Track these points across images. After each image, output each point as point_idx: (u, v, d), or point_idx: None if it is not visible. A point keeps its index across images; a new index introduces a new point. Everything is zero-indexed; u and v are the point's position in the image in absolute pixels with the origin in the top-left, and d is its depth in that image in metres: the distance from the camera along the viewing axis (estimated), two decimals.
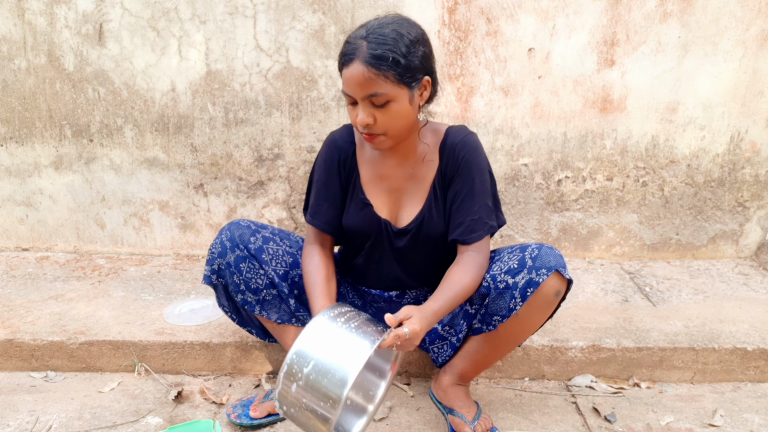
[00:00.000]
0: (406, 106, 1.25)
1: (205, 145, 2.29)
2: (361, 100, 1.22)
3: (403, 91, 1.23)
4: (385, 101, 1.22)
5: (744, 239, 2.38)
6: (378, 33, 1.20)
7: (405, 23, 1.24)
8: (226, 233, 1.48)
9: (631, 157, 2.26)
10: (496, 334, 1.39)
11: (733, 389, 1.75)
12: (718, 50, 2.11)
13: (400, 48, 1.19)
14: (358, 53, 1.19)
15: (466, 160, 1.37)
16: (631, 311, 1.95)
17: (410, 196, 1.45)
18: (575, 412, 1.63)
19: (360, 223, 1.48)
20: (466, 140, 1.39)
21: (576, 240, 2.39)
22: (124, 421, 1.57)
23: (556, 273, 1.29)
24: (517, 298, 1.31)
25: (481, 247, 1.37)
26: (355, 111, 1.26)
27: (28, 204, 2.41)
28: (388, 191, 1.45)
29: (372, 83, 1.19)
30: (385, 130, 1.26)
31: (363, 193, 1.45)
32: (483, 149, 1.41)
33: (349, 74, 1.21)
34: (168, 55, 2.17)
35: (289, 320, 1.54)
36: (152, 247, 2.46)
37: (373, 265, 1.55)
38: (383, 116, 1.24)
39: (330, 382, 1.03)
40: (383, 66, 1.18)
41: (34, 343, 1.77)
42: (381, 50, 1.18)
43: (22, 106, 2.26)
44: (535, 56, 2.14)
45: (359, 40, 1.21)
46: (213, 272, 1.50)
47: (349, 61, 1.20)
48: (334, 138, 1.47)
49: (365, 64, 1.18)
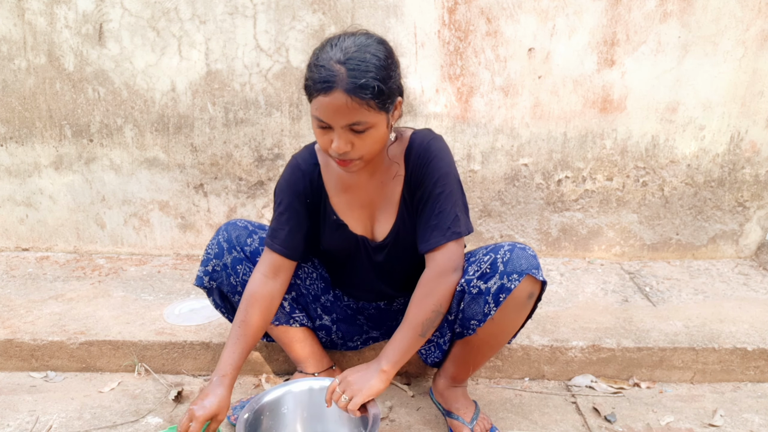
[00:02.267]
0: (384, 130, 1.22)
1: (205, 145, 2.29)
2: (339, 128, 1.17)
3: (382, 116, 1.19)
4: (365, 129, 1.17)
5: (744, 239, 2.38)
6: (358, 59, 1.13)
7: (379, 44, 1.18)
8: (222, 234, 1.47)
9: (631, 157, 2.26)
10: (477, 337, 1.38)
11: (733, 389, 1.74)
12: (718, 50, 2.11)
13: (381, 74, 1.14)
14: (338, 81, 1.12)
15: (428, 166, 1.31)
16: (631, 311, 1.95)
17: (382, 210, 1.41)
18: (575, 412, 1.63)
19: (337, 245, 1.46)
20: (428, 146, 1.33)
21: (576, 240, 2.39)
22: (124, 421, 1.56)
23: (528, 277, 1.27)
24: (491, 304, 1.29)
25: (444, 255, 1.30)
26: (327, 136, 1.19)
27: (28, 204, 2.41)
28: (360, 207, 1.42)
29: (354, 113, 1.14)
30: (361, 155, 1.22)
31: (335, 214, 1.42)
32: (448, 153, 1.34)
33: (327, 102, 1.13)
34: (168, 55, 2.17)
35: (287, 322, 1.55)
36: (152, 247, 2.46)
37: (356, 280, 1.55)
38: (361, 142, 1.19)
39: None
40: (366, 95, 1.13)
41: (34, 343, 1.77)
42: (365, 79, 1.12)
43: (22, 106, 2.26)
44: (535, 56, 2.14)
45: (336, 64, 1.12)
46: (206, 274, 1.49)
47: (328, 89, 1.12)
48: (296, 162, 1.41)
49: (348, 94, 1.12)
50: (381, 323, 1.64)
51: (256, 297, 1.38)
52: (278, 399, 1.34)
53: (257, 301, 1.38)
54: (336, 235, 1.44)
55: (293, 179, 1.40)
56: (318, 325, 1.61)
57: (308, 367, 1.61)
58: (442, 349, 1.52)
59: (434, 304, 1.30)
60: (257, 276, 1.40)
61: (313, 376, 1.59)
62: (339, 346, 1.67)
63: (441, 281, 1.30)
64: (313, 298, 1.58)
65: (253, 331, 1.38)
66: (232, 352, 1.34)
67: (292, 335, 1.57)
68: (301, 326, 1.57)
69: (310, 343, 1.60)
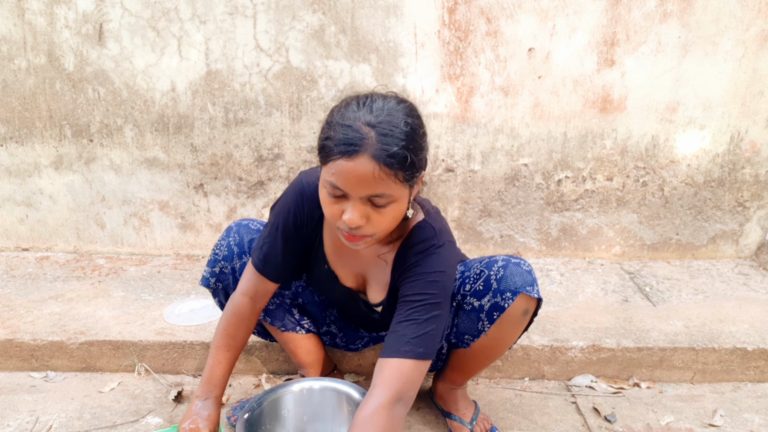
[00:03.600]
0: (404, 205, 1.08)
1: (205, 145, 2.29)
2: (358, 198, 1.02)
3: (405, 190, 1.05)
4: (387, 203, 1.03)
5: (744, 239, 2.38)
6: (390, 124, 0.99)
7: (410, 110, 1.05)
8: (234, 236, 1.43)
9: (631, 157, 2.26)
10: (471, 350, 1.38)
11: (733, 389, 1.74)
12: (718, 50, 2.11)
13: (413, 144, 1.01)
14: (367, 146, 0.97)
15: (409, 274, 1.16)
16: (631, 311, 1.95)
17: (374, 280, 1.33)
18: (575, 412, 1.63)
19: (327, 292, 1.43)
20: (420, 256, 1.16)
21: (576, 240, 2.39)
22: (124, 421, 1.56)
23: (522, 295, 1.23)
24: (485, 321, 1.28)
25: (391, 372, 1.07)
26: (338, 205, 1.04)
27: (28, 204, 2.41)
28: (351, 267, 1.34)
29: (381, 184, 0.99)
30: (375, 231, 1.07)
31: (327, 263, 1.34)
32: (443, 261, 1.16)
33: (350, 168, 0.98)
34: (168, 55, 2.17)
35: (294, 328, 1.54)
36: (152, 247, 2.46)
37: (346, 319, 1.55)
38: (379, 217, 1.05)
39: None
40: (396, 165, 0.99)
41: (34, 343, 1.77)
42: (398, 148, 0.98)
43: (22, 106, 2.26)
44: (535, 56, 2.14)
45: (365, 127, 0.98)
46: (213, 275, 1.47)
47: (354, 153, 0.97)
48: (302, 189, 1.26)
49: (376, 161, 0.97)
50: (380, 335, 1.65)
51: (242, 320, 1.35)
52: (278, 399, 1.34)
53: (244, 324, 1.36)
54: (327, 284, 1.38)
55: (294, 207, 1.27)
56: (324, 331, 1.62)
57: (311, 373, 1.61)
58: (441, 357, 1.52)
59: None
60: (243, 299, 1.34)
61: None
62: (341, 347, 1.67)
63: (379, 416, 1.04)
64: (321, 308, 1.58)
65: (239, 351, 1.37)
66: (221, 374, 1.33)
67: (298, 342, 1.56)
68: (308, 333, 1.57)
69: (315, 350, 1.60)
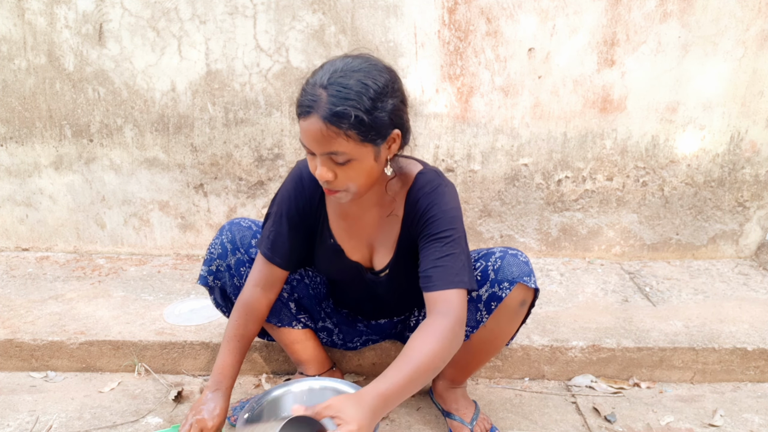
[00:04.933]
0: (371, 163, 1.12)
1: (205, 145, 2.29)
2: (319, 155, 1.09)
3: (367, 149, 1.09)
4: (345, 160, 1.09)
5: (744, 239, 2.38)
6: (341, 84, 1.04)
7: (373, 70, 1.08)
8: (226, 234, 1.46)
9: (631, 157, 2.26)
10: (470, 343, 1.38)
11: (733, 389, 1.74)
12: (718, 50, 2.11)
13: (365, 103, 1.04)
14: (316, 106, 1.04)
15: (429, 213, 1.22)
16: (631, 311, 1.95)
17: (381, 244, 1.35)
18: (575, 412, 1.63)
19: (334, 269, 1.44)
20: (434, 192, 1.23)
21: (576, 240, 2.39)
22: (124, 421, 1.56)
23: (519, 285, 1.25)
24: (483, 311, 1.29)
25: (448, 302, 1.15)
26: (313, 162, 1.13)
27: (28, 204, 2.41)
28: (358, 236, 1.36)
29: (331, 142, 1.06)
30: (346, 186, 1.14)
31: (333, 237, 1.36)
32: (452, 200, 1.24)
33: (305, 127, 1.07)
34: (168, 55, 2.17)
35: (290, 323, 1.54)
36: (152, 247, 2.46)
37: (352, 300, 1.55)
38: (344, 173, 1.11)
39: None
40: (344, 125, 1.04)
41: (34, 343, 1.77)
42: (342, 107, 1.03)
43: (22, 106, 2.26)
44: (535, 56, 2.14)
45: (319, 89, 1.05)
46: (210, 273, 1.48)
47: (306, 114, 1.06)
48: (300, 175, 1.32)
49: (324, 121, 1.04)
50: (380, 331, 1.65)
51: (253, 311, 1.37)
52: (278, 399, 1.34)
53: (255, 315, 1.37)
54: (332, 259, 1.40)
55: (294, 192, 1.33)
56: (320, 327, 1.61)
57: (309, 369, 1.61)
58: None
59: (432, 351, 1.09)
60: (254, 290, 1.37)
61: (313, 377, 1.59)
62: (339, 346, 1.67)
63: (442, 334, 1.12)
64: (316, 302, 1.58)
65: (249, 343, 1.38)
66: (231, 365, 1.34)
67: (294, 337, 1.56)
68: (304, 328, 1.57)
69: (312, 345, 1.60)
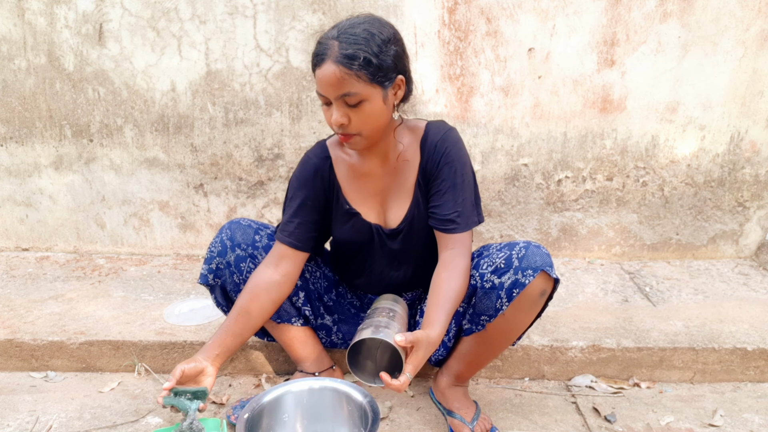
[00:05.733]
0: (380, 105, 1.25)
1: (205, 145, 2.29)
2: (334, 100, 1.22)
3: (377, 90, 1.23)
4: (358, 101, 1.22)
5: (744, 239, 2.38)
6: (349, 33, 1.20)
7: (377, 23, 1.24)
8: (226, 232, 1.48)
9: (631, 157, 2.26)
10: (485, 333, 1.39)
11: (733, 389, 1.74)
12: (718, 50, 2.11)
13: (372, 47, 1.19)
14: (330, 53, 1.19)
15: (448, 155, 1.36)
16: (631, 311, 1.95)
17: (395, 197, 1.44)
18: (575, 412, 1.63)
19: (351, 234, 1.47)
20: (447, 136, 1.38)
21: (576, 240, 2.39)
22: (124, 421, 1.57)
23: (542, 273, 1.28)
24: (503, 299, 1.30)
25: (464, 243, 1.36)
26: (329, 111, 1.26)
27: (28, 204, 2.41)
28: (372, 195, 1.45)
29: (344, 83, 1.19)
30: (359, 129, 1.26)
31: (348, 204, 1.45)
32: (464, 144, 1.40)
33: (321, 74, 1.21)
34: (168, 55, 2.17)
35: (289, 320, 1.54)
36: (152, 247, 2.46)
37: (366, 271, 1.56)
38: (357, 116, 1.24)
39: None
40: (355, 65, 1.18)
41: (34, 343, 1.77)
42: (352, 50, 1.18)
43: (22, 106, 2.26)
44: (535, 56, 2.14)
45: (331, 40, 1.21)
46: (210, 272, 1.49)
47: (321, 61, 1.21)
48: (308, 157, 1.46)
49: (337, 64, 1.18)
50: None
51: (260, 286, 1.39)
52: (278, 399, 1.34)
53: (260, 290, 1.39)
54: (349, 225, 1.46)
55: (305, 173, 1.44)
56: (319, 324, 1.61)
57: (309, 367, 1.61)
58: (446, 347, 1.52)
59: (461, 287, 1.32)
60: (262, 268, 1.42)
61: (313, 376, 1.59)
62: (339, 345, 1.67)
63: (464, 271, 1.34)
64: (317, 297, 1.59)
65: (253, 319, 1.39)
66: (227, 329, 1.36)
67: (293, 334, 1.57)
68: (303, 326, 1.57)
69: (311, 343, 1.60)
